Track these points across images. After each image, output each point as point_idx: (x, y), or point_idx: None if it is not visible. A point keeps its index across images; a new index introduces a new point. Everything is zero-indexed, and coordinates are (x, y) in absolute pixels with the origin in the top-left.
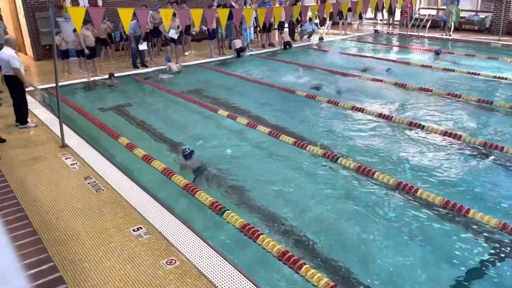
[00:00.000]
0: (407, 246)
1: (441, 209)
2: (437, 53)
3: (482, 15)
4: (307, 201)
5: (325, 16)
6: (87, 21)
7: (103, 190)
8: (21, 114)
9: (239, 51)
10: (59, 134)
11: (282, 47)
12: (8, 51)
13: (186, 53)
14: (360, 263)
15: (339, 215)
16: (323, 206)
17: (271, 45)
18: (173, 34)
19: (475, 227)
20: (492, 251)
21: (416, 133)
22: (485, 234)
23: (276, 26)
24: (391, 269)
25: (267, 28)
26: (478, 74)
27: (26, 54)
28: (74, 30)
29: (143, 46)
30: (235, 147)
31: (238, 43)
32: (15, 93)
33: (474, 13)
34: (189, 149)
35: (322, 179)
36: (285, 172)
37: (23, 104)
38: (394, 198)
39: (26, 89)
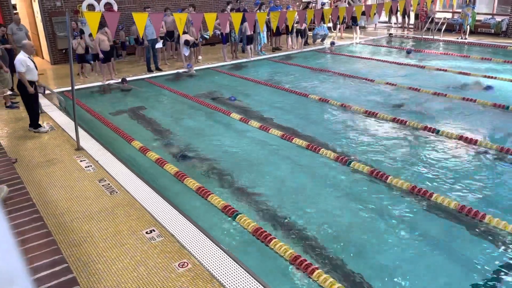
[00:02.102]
0: (421, 251)
1: (456, 214)
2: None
3: (498, 18)
4: (320, 204)
5: (338, 20)
6: (102, 25)
7: (117, 192)
8: (31, 118)
9: (250, 38)
10: (74, 137)
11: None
12: (20, 56)
13: (200, 57)
14: (373, 269)
15: (352, 219)
16: (335, 210)
17: (277, 49)
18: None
19: (491, 232)
20: (509, 258)
21: (430, 137)
22: (502, 240)
23: (289, 30)
24: (404, 274)
25: (279, 32)
26: (495, 78)
27: (43, 58)
28: (90, 35)
29: (158, 45)
30: (247, 150)
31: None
32: (23, 98)
33: (490, 16)
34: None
35: (334, 183)
36: (299, 175)
37: (32, 109)
38: (408, 203)
39: (45, 93)
